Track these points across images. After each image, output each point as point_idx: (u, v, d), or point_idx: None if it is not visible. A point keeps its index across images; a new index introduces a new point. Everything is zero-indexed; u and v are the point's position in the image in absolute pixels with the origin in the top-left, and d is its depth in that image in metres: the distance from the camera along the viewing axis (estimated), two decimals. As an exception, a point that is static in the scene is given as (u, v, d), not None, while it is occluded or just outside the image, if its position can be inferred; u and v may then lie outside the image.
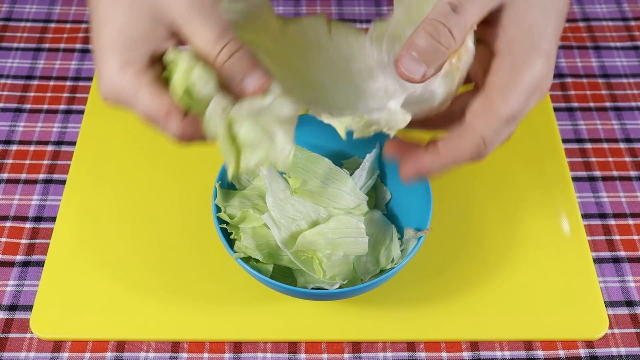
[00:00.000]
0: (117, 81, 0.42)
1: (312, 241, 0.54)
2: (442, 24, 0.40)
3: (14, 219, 0.64)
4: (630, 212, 0.66)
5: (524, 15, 0.42)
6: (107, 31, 0.42)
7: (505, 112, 0.41)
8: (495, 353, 0.57)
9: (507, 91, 0.41)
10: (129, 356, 0.56)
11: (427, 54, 0.40)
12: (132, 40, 0.42)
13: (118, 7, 0.42)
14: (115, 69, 0.42)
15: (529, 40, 0.41)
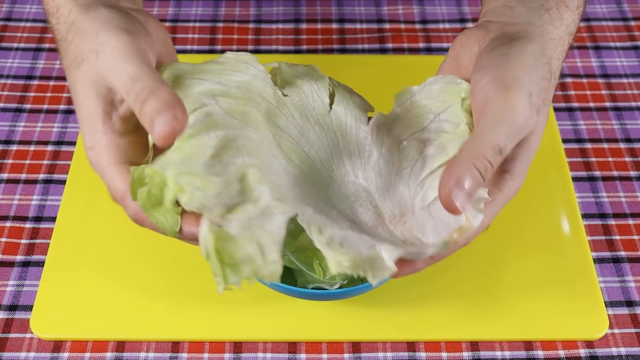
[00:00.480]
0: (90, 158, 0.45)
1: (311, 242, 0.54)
2: (490, 163, 0.42)
3: (14, 219, 0.65)
4: (630, 212, 0.66)
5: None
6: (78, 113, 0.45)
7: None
8: (495, 353, 0.57)
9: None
10: (129, 356, 0.56)
11: (472, 187, 0.41)
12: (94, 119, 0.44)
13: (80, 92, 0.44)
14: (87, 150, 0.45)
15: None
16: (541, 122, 0.46)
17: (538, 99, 0.45)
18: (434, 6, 0.84)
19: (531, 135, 0.46)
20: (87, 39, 0.44)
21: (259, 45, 0.80)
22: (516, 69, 0.45)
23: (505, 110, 0.43)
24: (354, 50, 0.79)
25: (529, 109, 0.44)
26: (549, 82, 0.46)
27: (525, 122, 0.44)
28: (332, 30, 0.81)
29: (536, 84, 0.45)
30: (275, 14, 0.83)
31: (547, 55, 0.47)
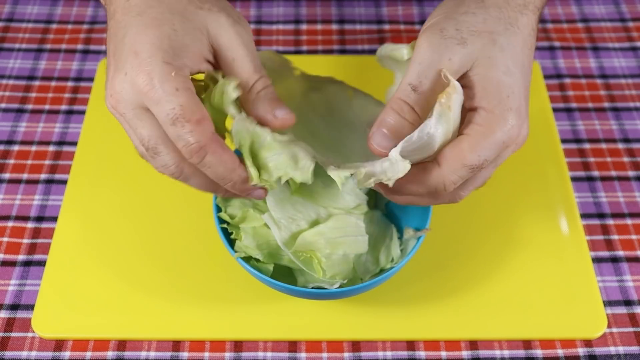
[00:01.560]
0: (156, 75, 0.41)
1: (311, 241, 0.54)
2: (406, 102, 0.44)
3: (16, 219, 0.65)
4: (629, 212, 0.66)
5: (490, 76, 0.45)
6: (155, 33, 0.43)
7: (472, 161, 0.44)
8: (495, 352, 0.57)
9: (476, 144, 0.44)
10: (130, 355, 0.57)
11: (396, 130, 0.44)
12: (182, 48, 0.43)
13: (171, 16, 0.43)
14: (159, 63, 0.42)
15: (498, 98, 0.44)
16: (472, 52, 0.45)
17: (455, 32, 0.45)
18: (433, 7, 0.84)
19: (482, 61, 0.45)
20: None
21: (259, 45, 0.80)
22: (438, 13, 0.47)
23: (417, 51, 0.45)
24: (354, 51, 0.79)
25: (437, 41, 0.45)
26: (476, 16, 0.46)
27: (435, 54, 0.44)
28: (332, 30, 0.82)
29: (453, 19, 0.46)
30: (275, 15, 0.83)
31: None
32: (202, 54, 0.44)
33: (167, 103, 0.41)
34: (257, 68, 0.46)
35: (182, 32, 0.43)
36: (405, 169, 0.44)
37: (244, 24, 0.46)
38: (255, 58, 0.46)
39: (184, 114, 0.42)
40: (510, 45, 0.46)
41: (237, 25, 0.45)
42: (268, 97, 0.46)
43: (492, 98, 0.44)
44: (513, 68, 0.46)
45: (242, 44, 0.45)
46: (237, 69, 0.45)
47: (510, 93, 0.45)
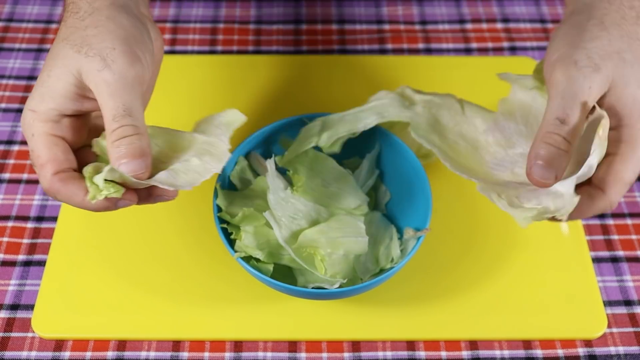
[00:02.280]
0: (25, 122, 0.47)
1: (312, 239, 0.54)
2: (556, 134, 0.46)
3: (16, 219, 0.65)
4: (629, 212, 0.66)
5: (626, 93, 0.47)
6: (39, 78, 0.47)
7: (630, 179, 0.47)
8: (495, 352, 0.57)
9: (629, 161, 0.47)
10: (130, 355, 0.57)
11: (553, 160, 0.46)
12: (49, 93, 0.46)
13: (52, 61, 0.47)
14: (27, 110, 0.47)
15: (638, 113, 0.46)
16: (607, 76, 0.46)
17: (588, 60, 0.47)
18: (433, 7, 0.84)
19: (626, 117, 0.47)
20: (103, 40, 0.47)
21: (259, 46, 0.80)
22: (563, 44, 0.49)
23: (556, 85, 0.47)
24: (354, 51, 0.79)
25: (575, 73, 0.46)
26: (602, 39, 0.48)
27: (576, 86, 0.46)
28: (332, 30, 0.82)
29: (583, 48, 0.47)
30: (275, 15, 0.83)
31: (597, 17, 0.49)
32: (75, 95, 0.47)
33: (30, 148, 0.47)
34: (116, 117, 0.45)
35: (54, 77, 0.46)
36: (575, 202, 0.46)
37: (117, 68, 0.46)
38: (117, 106, 0.45)
39: (33, 159, 0.47)
40: (636, 57, 0.48)
41: (104, 71, 0.46)
42: (118, 148, 0.45)
43: (632, 114, 0.47)
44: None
45: (104, 91, 0.46)
46: (103, 114, 0.46)
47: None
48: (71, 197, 0.46)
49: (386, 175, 0.63)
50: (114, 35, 0.47)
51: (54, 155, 0.46)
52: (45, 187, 0.46)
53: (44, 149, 0.46)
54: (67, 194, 0.46)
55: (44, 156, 0.46)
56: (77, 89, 0.47)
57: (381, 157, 0.63)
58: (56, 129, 0.47)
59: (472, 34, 0.81)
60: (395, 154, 0.61)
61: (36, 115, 0.46)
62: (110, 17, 0.48)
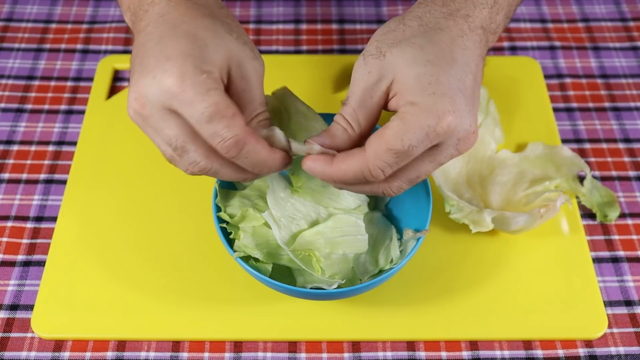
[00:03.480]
0: (188, 76, 0.43)
1: (311, 241, 0.54)
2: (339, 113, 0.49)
3: (15, 219, 0.65)
4: (629, 212, 0.66)
5: (409, 72, 0.46)
6: (189, 42, 0.45)
7: (396, 146, 0.45)
8: (495, 352, 0.57)
9: (400, 128, 0.45)
10: (130, 355, 0.57)
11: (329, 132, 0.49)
12: (210, 60, 0.45)
13: (205, 32, 0.46)
14: (191, 66, 0.43)
15: (419, 87, 0.46)
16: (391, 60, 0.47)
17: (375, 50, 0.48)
18: (433, 7, 0.84)
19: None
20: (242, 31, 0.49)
21: (259, 45, 0.80)
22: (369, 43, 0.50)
23: None
24: (354, 51, 0.79)
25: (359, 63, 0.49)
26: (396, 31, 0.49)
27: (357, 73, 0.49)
28: (332, 30, 0.82)
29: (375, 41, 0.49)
30: (275, 15, 0.83)
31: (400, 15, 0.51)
32: (223, 71, 0.46)
33: (200, 102, 0.43)
34: (262, 102, 0.49)
35: (212, 47, 0.45)
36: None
37: (261, 61, 0.49)
38: (262, 94, 0.49)
39: (218, 111, 0.43)
40: (430, 42, 0.48)
41: (255, 61, 0.48)
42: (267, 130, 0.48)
43: (414, 89, 0.46)
44: (436, 60, 0.47)
45: (255, 78, 0.48)
46: (245, 99, 0.48)
47: (432, 80, 0.46)
48: (260, 151, 0.46)
49: (386, 175, 0.63)
50: (245, 32, 0.49)
51: (237, 109, 0.45)
52: (237, 138, 0.44)
53: (229, 101, 0.44)
54: (257, 147, 0.45)
55: (233, 107, 0.44)
56: (225, 67, 0.46)
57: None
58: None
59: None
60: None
61: (208, 73, 0.44)
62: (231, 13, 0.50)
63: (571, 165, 0.65)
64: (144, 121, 0.45)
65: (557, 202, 0.60)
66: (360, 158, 0.46)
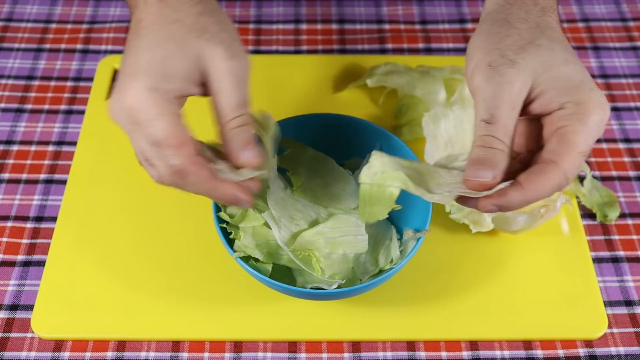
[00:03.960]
0: (142, 99, 0.44)
1: (310, 241, 0.54)
2: (487, 135, 0.46)
3: (15, 219, 0.65)
4: (629, 212, 0.66)
5: (555, 75, 0.46)
6: (149, 56, 0.45)
7: (583, 148, 0.45)
8: (495, 352, 0.57)
9: (582, 131, 0.45)
10: (130, 355, 0.57)
11: (488, 161, 0.45)
12: (171, 73, 0.45)
13: (167, 42, 0.46)
14: (145, 88, 0.44)
15: (574, 87, 0.46)
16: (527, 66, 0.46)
17: (502, 58, 0.46)
18: (433, 7, 0.84)
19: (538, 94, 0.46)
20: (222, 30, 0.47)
21: (259, 45, 0.80)
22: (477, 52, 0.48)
23: (477, 92, 0.47)
24: (354, 51, 0.79)
25: (490, 74, 0.46)
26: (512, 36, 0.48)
27: (494, 85, 0.46)
28: (332, 30, 0.82)
29: (495, 50, 0.47)
30: (275, 15, 0.83)
31: (500, 19, 0.49)
32: (192, 78, 0.46)
33: (149, 128, 0.44)
34: (239, 105, 0.47)
35: (174, 57, 0.45)
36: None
37: (240, 59, 0.47)
38: (241, 95, 0.47)
39: (163, 138, 0.44)
40: (554, 42, 0.48)
41: (231, 60, 0.46)
42: (239, 136, 0.47)
43: (569, 90, 0.46)
44: (570, 58, 0.47)
45: (230, 78, 0.46)
46: (219, 101, 0.46)
47: (582, 78, 0.46)
48: (202, 184, 0.46)
49: (386, 175, 0.63)
50: (230, 27, 0.48)
51: (189, 137, 0.45)
52: (176, 169, 0.45)
53: (179, 127, 0.44)
54: (202, 180, 0.45)
55: (182, 135, 0.44)
56: (196, 73, 0.46)
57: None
58: (179, 113, 0.45)
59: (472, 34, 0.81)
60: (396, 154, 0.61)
61: (161, 95, 0.44)
62: (217, 9, 0.49)
63: None
64: (121, 128, 0.46)
65: (557, 202, 0.60)
66: (556, 172, 0.45)
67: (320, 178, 0.60)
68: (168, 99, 0.45)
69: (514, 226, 0.60)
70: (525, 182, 0.45)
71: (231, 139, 0.46)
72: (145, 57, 0.45)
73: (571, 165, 0.45)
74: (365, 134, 0.62)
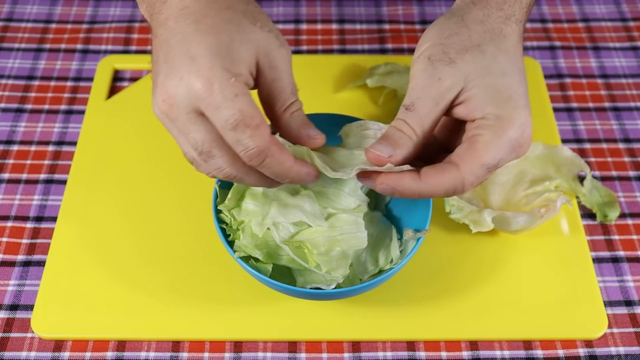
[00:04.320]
0: (216, 80, 0.42)
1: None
2: (401, 119, 0.47)
3: (15, 219, 0.65)
4: (629, 212, 0.66)
5: (487, 83, 0.47)
6: (215, 39, 0.43)
7: (488, 161, 0.46)
8: (495, 352, 0.57)
9: (492, 143, 0.46)
10: (130, 355, 0.57)
11: (391, 140, 0.47)
12: (237, 56, 0.44)
13: (229, 26, 0.44)
14: (220, 68, 0.42)
15: (501, 100, 0.46)
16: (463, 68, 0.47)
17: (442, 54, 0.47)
18: (433, 7, 0.84)
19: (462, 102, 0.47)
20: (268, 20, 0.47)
21: (259, 45, 0.80)
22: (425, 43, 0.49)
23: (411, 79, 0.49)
24: (354, 51, 0.79)
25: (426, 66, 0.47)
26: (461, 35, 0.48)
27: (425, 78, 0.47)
28: (332, 30, 0.82)
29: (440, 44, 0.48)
30: (275, 14, 0.83)
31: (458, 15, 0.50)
32: (252, 64, 0.45)
33: (226, 109, 0.42)
34: (293, 90, 0.48)
35: (238, 42, 0.44)
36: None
37: (287, 48, 0.48)
38: (292, 81, 0.48)
39: (243, 119, 0.42)
40: (500, 51, 0.48)
41: (282, 49, 0.47)
42: (301, 118, 0.48)
43: (496, 101, 0.46)
44: (509, 71, 0.47)
45: (284, 66, 0.47)
46: (276, 89, 0.47)
47: (512, 93, 0.47)
48: (284, 162, 0.45)
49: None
50: (269, 18, 0.48)
51: (264, 118, 0.44)
52: (260, 149, 0.43)
53: (255, 108, 0.43)
54: (281, 158, 0.45)
55: (258, 116, 0.43)
56: (254, 60, 0.45)
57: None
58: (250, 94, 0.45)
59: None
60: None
61: (236, 76, 0.43)
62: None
63: (571, 165, 0.65)
64: (171, 122, 0.44)
65: (557, 202, 0.60)
66: (454, 174, 0.46)
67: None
68: (244, 81, 0.44)
69: (513, 226, 0.60)
70: (423, 174, 0.46)
71: (294, 121, 0.48)
72: (207, 41, 0.43)
73: (471, 173, 0.46)
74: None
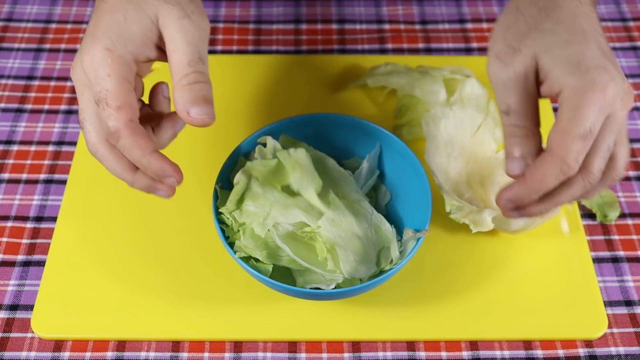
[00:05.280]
0: (96, 60, 0.46)
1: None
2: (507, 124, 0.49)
3: (15, 219, 0.65)
4: (629, 212, 0.66)
5: (553, 57, 0.47)
6: (109, 19, 0.47)
7: (578, 132, 0.45)
8: (495, 352, 0.57)
9: (573, 114, 0.45)
10: (130, 355, 0.57)
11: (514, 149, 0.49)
12: (128, 35, 0.47)
13: (127, 4, 0.47)
14: (101, 49, 0.46)
15: (570, 68, 0.46)
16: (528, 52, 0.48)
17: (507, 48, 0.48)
18: (433, 7, 0.84)
19: None
20: None
21: (259, 45, 0.80)
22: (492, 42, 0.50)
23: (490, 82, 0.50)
24: (354, 51, 0.79)
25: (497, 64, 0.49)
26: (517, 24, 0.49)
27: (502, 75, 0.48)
28: (332, 30, 0.82)
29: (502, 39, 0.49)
30: (275, 15, 0.83)
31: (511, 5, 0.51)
32: (150, 41, 0.47)
33: (96, 86, 0.46)
34: (191, 62, 0.46)
35: (131, 20, 0.47)
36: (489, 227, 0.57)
37: (195, 19, 0.47)
38: (194, 53, 0.47)
39: (106, 98, 0.46)
40: (558, 23, 0.48)
41: (184, 19, 0.47)
42: (190, 93, 0.46)
43: (566, 72, 0.46)
44: (572, 37, 0.47)
45: (183, 37, 0.47)
46: (173, 60, 0.47)
47: (580, 59, 0.46)
48: (132, 149, 0.46)
49: (386, 176, 0.63)
50: None
51: (131, 101, 0.46)
52: (112, 130, 0.46)
53: (122, 91, 0.46)
54: (133, 144, 0.46)
55: (121, 98, 0.45)
56: (153, 35, 0.47)
57: (381, 157, 0.63)
58: (130, 76, 0.47)
59: (472, 34, 0.81)
60: (396, 154, 0.61)
61: (113, 56, 0.46)
62: None
63: None
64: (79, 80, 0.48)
65: None
66: (551, 158, 0.46)
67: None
68: (122, 62, 0.46)
69: (513, 226, 0.60)
70: (527, 174, 0.47)
71: (181, 96, 0.46)
72: (105, 20, 0.47)
73: (568, 151, 0.45)
74: (365, 134, 0.62)
